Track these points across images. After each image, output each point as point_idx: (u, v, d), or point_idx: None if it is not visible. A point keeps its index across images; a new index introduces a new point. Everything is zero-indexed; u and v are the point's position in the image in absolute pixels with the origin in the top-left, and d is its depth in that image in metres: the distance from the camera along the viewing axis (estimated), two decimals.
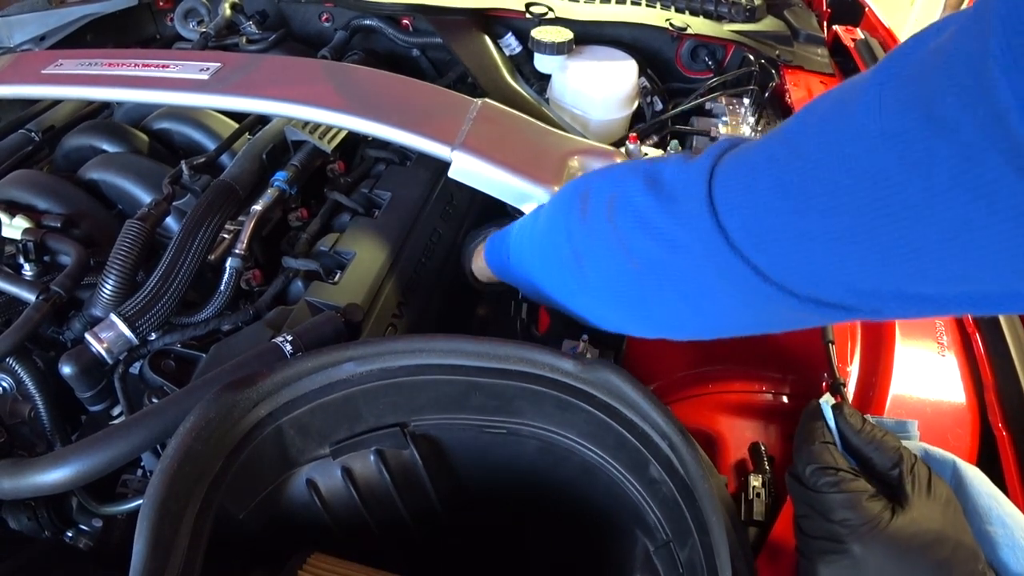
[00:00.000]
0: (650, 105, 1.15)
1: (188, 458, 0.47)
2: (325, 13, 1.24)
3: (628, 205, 0.50)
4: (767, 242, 0.41)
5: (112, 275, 0.68)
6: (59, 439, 0.68)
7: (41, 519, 0.67)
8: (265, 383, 0.52)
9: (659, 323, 0.54)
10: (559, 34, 1.06)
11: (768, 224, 0.41)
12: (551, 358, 0.53)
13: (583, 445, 0.58)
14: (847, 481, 0.45)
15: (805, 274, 0.41)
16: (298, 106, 0.79)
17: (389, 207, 0.83)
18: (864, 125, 0.35)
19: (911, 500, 0.44)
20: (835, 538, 0.44)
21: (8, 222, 0.75)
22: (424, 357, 0.55)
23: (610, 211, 0.52)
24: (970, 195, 0.31)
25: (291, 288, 0.76)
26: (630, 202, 0.50)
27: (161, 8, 1.34)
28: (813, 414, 0.50)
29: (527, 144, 0.77)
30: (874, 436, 0.47)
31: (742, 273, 0.43)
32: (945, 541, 0.43)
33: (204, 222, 0.72)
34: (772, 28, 1.22)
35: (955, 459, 0.51)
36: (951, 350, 0.68)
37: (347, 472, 0.59)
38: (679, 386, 0.72)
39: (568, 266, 0.57)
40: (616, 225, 0.51)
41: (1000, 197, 0.30)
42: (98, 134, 0.91)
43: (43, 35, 1.21)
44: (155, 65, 0.86)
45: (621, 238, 0.51)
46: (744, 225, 0.42)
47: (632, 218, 0.50)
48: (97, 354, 0.64)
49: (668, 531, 0.53)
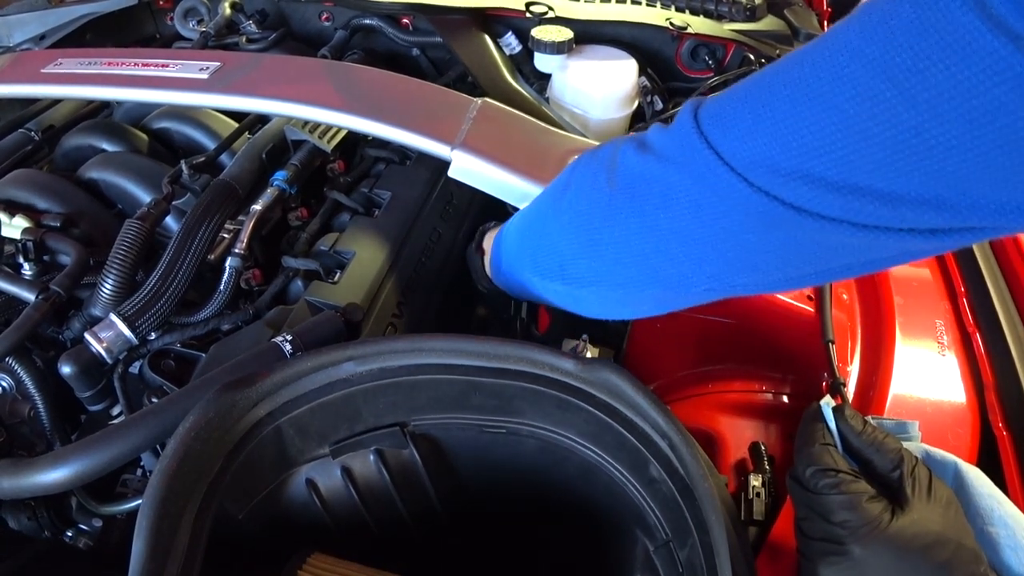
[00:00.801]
0: (650, 104, 1.15)
1: (188, 458, 0.47)
2: (325, 12, 1.24)
3: (616, 157, 0.51)
4: (732, 126, 0.42)
5: (111, 275, 0.68)
6: (59, 439, 0.68)
7: (41, 519, 0.67)
8: (265, 383, 0.52)
9: (643, 271, 0.53)
10: (559, 33, 1.06)
11: (733, 110, 0.42)
12: (551, 358, 0.53)
13: (583, 445, 0.58)
14: (847, 483, 0.44)
15: (763, 147, 0.40)
16: (298, 105, 0.79)
17: (389, 207, 0.83)
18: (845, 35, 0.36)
19: (911, 502, 0.44)
20: (835, 539, 0.44)
21: (8, 221, 0.75)
22: (424, 357, 0.55)
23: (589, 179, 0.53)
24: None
25: (291, 288, 0.76)
26: (619, 153, 0.51)
27: (161, 7, 1.34)
28: (813, 416, 0.50)
29: (527, 143, 0.77)
30: (875, 438, 0.47)
31: (722, 177, 0.42)
32: (946, 543, 0.43)
33: (204, 221, 0.72)
34: (772, 27, 1.21)
35: (956, 460, 0.51)
36: (951, 350, 0.68)
37: (347, 472, 0.59)
38: (679, 386, 0.72)
39: (553, 213, 0.58)
40: (615, 186, 0.51)
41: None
42: (98, 133, 0.91)
43: (43, 34, 1.21)
44: (155, 64, 0.86)
45: (614, 186, 0.50)
46: (716, 117, 0.43)
47: (621, 159, 0.50)
48: (96, 354, 0.64)
49: (668, 531, 0.53)
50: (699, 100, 0.46)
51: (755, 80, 0.42)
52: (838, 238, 0.39)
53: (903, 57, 0.33)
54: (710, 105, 0.45)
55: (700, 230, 0.45)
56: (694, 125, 0.44)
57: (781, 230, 0.41)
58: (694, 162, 0.43)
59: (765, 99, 0.40)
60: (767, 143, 0.39)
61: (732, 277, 0.47)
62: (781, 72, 0.40)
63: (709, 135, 0.42)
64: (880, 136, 0.34)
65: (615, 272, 0.53)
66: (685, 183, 0.44)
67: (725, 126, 0.42)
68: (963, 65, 0.31)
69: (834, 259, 0.43)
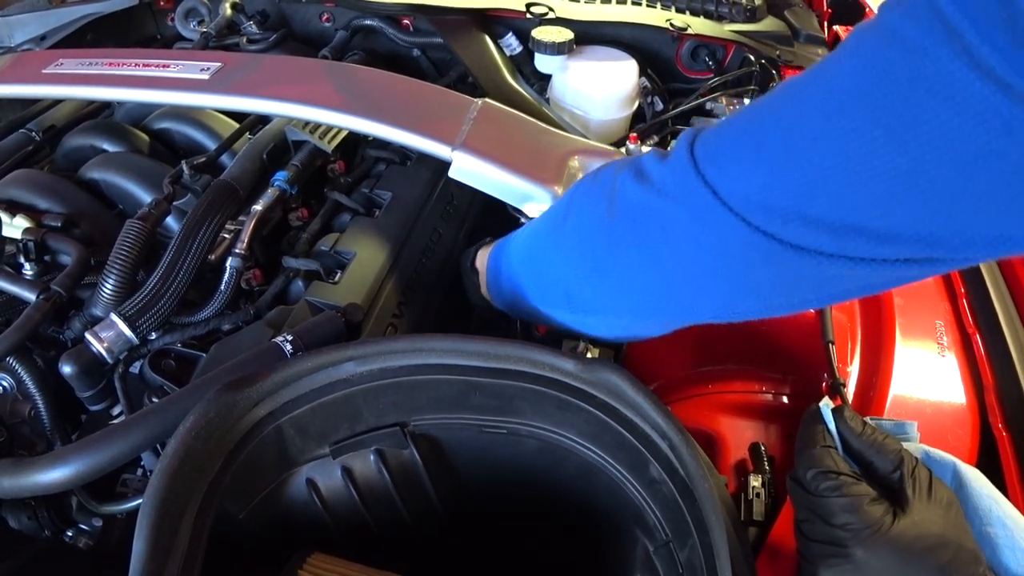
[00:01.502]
0: (650, 105, 1.15)
1: (188, 458, 0.47)
2: (326, 13, 1.24)
3: (612, 181, 0.52)
4: (728, 164, 0.42)
5: (112, 275, 0.68)
6: (59, 438, 0.68)
7: (41, 518, 0.67)
8: (265, 383, 0.52)
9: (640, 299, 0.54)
10: (559, 34, 1.06)
11: (729, 147, 0.43)
12: (551, 358, 0.53)
13: (583, 445, 0.58)
14: (848, 485, 0.44)
15: (759, 189, 0.41)
16: (298, 106, 0.79)
17: (389, 207, 0.83)
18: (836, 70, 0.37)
19: (912, 503, 0.44)
20: (837, 542, 0.43)
21: (8, 221, 0.75)
22: (424, 357, 0.55)
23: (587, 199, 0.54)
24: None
25: (291, 288, 0.76)
26: (617, 181, 0.51)
27: (162, 8, 1.34)
28: (813, 418, 0.50)
29: (528, 144, 0.77)
30: (875, 439, 0.47)
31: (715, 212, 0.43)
32: (947, 545, 0.43)
33: (204, 222, 0.72)
34: (773, 28, 1.21)
35: (955, 461, 0.51)
36: (951, 350, 0.68)
37: (347, 472, 0.59)
38: (679, 386, 0.72)
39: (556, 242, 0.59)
40: (614, 215, 0.51)
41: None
42: (98, 134, 0.91)
43: (43, 35, 1.21)
44: (156, 65, 0.86)
45: (612, 205, 0.51)
46: (712, 154, 0.44)
47: (620, 188, 0.51)
48: (97, 353, 0.64)
49: (668, 531, 0.53)
50: (696, 131, 0.47)
51: (750, 114, 0.43)
52: (836, 271, 0.41)
53: (893, 103, 0.33)
54: (707, 139, 0.45)
55: (701, 263, 0.46)
56: (690, 160, 0.44)
57: (780, 264, 0.42)
58: (692, 199, 0.44)
59: (760, 138, 0.41)
60: (763, 184, 0.40)
61: (736, 304, 0.48)
62: (776, 109, 0.41)
63: (706, 172, 0.43)
64: (873, 179, 0.35)
65: (621, 299, 0.55)
66: (683, 219, 0.46)
67: (721, 164, 0.43)
68: (953, 112, 0.31)
69: (834, 287, 0.44)
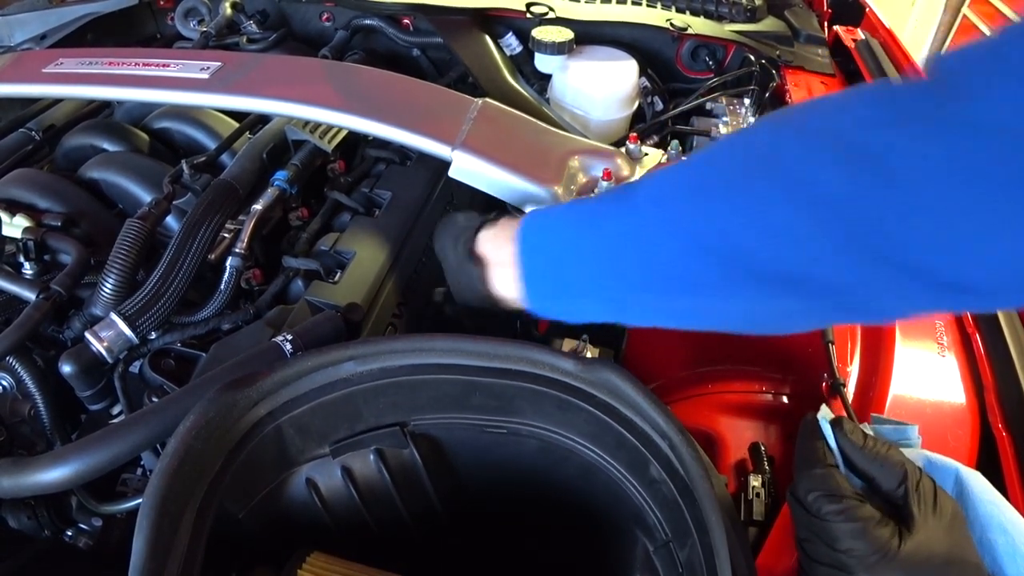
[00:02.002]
0: (650, 105, 1.16)
1: (188, 457, 0.47)
2: (326, 12, 1.24)
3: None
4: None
5: (112, 274, 0.68)
6: (59, 438, 0.68)
7: (41, 518, 0.67)
8: (265, 382, 0.52)
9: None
10: (560, 34, 1.06)
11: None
12: (551, 358, 0.53)
13: (583, 445, 0.58)
14: (853, 508, 0.43)
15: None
16: (298, 105, 0.79)
17: (389, 207, 0.83)
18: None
19: (917, 521, 0.42)
20: (842, 567, 0.42)
21: (8, 221, 0.75)
22: (424, 356, 0.55)
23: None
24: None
25: (291, 287, 0.76)
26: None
27: (162, 7, 1.34)
28: (812, 431, 0.49)
29: (528, 144, 0.77)
30: (877, 452, 0.46)
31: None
32: (952, 563, 0.42)
33: (204, 221, 0.72)
34: (773, 28, 1.22)
35: (958, 466, 0.50)
36: (951, 351, 0.68)
37: (347, 471, 0.59)
38: (679, 386, 0.72)
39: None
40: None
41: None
42: (98, 133, 0.91)
43: (44, 34, 1.21)
44: (156, 64, 0.86)
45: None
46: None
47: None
48: (97, 353, 0.64)
49: (668, 531, 0.53)
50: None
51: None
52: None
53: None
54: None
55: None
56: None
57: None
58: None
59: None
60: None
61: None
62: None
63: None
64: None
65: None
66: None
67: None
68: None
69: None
